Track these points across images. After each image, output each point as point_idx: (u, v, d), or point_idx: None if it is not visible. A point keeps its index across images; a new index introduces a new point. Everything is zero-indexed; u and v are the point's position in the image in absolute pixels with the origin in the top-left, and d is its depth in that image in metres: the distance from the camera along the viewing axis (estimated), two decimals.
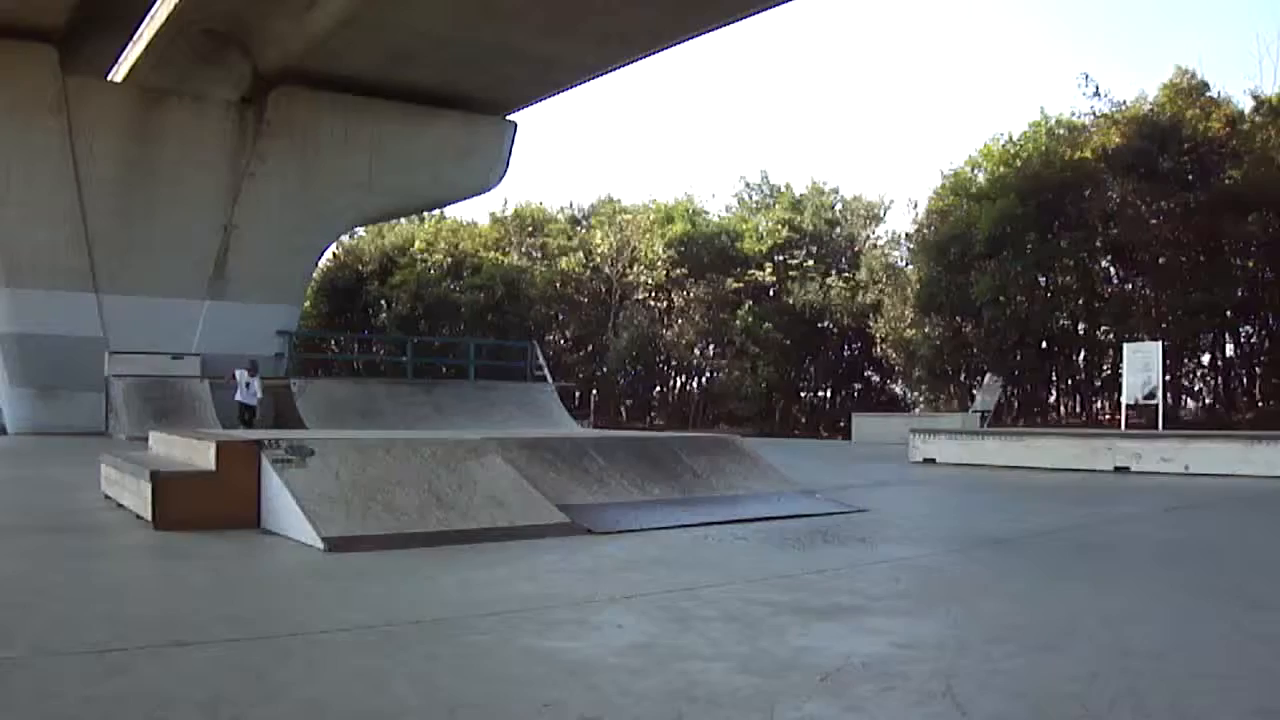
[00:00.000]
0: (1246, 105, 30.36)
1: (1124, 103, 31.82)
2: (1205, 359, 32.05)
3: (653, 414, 44.98)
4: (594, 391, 43.09)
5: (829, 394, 44.46)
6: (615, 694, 3.28)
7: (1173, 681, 3.53)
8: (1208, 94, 30.68)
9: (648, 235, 44.18)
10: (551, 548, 6.62)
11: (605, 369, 44.24)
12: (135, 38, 25.76)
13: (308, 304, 39.90)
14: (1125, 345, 24.39)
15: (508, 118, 30.83)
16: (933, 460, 17.32)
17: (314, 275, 37.87)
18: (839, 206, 45.39)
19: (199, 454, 7.65)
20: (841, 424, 35.69)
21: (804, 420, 42.18)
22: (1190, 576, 5.94)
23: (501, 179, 31.61)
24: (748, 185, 47.78)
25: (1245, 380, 32.12)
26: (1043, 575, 5.93)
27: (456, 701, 3.21)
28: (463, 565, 5.91)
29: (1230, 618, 4.68)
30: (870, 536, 7.39)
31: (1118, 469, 15.22)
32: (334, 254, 45.36)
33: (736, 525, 7.78)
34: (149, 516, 7.08)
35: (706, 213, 47.00)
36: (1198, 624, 4.58)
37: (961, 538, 7.90)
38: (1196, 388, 32.78)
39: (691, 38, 25.17)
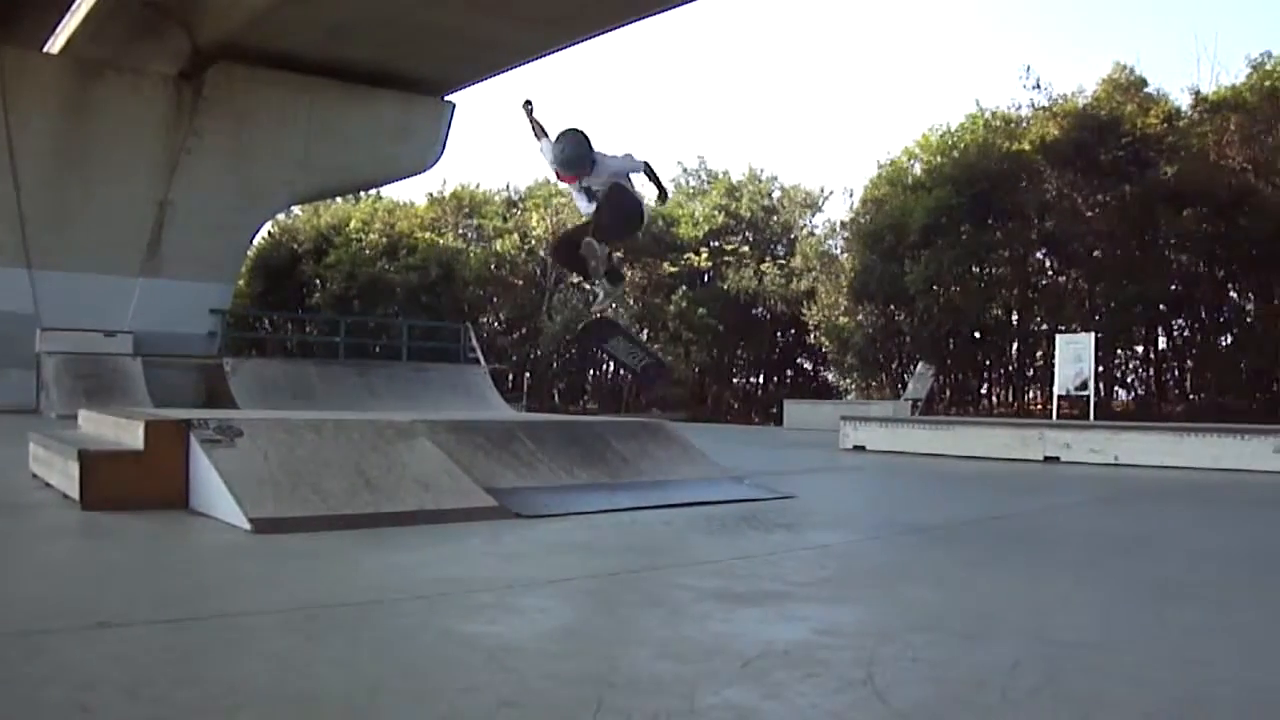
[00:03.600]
0: (1184, 102, 30.88)
1: (1063, 96, 32.20)
2: (1138, 351, 32.46)
3: (586, 398, 44.98)
4: (527, 374, 43.06)
5: (762, 380, 44.69)
6: (535, 678, 3.29)
7: (1094, 670, 3.57)
8: (1146, 90, 31.12)
9: (584, 218, 44.00)
10: (478, 531, 6.62)
11: (539, 352, 44.18)
12: (73, 9, 25.40)
13: (242, 282, 39.61)
14: (1058, 336, 24.59)
15: (446, 98, 30.68)
16: (863, 448, 17.43)
17: (249, 254, 37.58)
18: (777, 194, 45.58)
19: (127, 433, 7.58)
20: (774, 410, 35.84)
21: (737, 406, 42.38)
22: (1116, 567, 6.02)
23: (438, 159, 31.47)
24: (685, 171, 47.82)
25: (1177, 373, 32.60)
26: (968, 563, 5.97)
27: (377, 685, 3.21)
28: (389, 548, 5.89)
29: (1154, 608, 4.75)
30: (797, 523, 7.43)
31: (1048, 459, 15.36)
32: (269, 232, 45.05)
33: (664, 510, 7.80)
34: (76, 496, 6.99)
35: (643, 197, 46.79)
36: (1122, 614, 4.64)
37: (888, 525, 7.97)
38: (1129, 379, 33.25)
39: (630, 22, 25.16)
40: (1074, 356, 22.67)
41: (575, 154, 9.76)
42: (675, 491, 8.58)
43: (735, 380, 44.76)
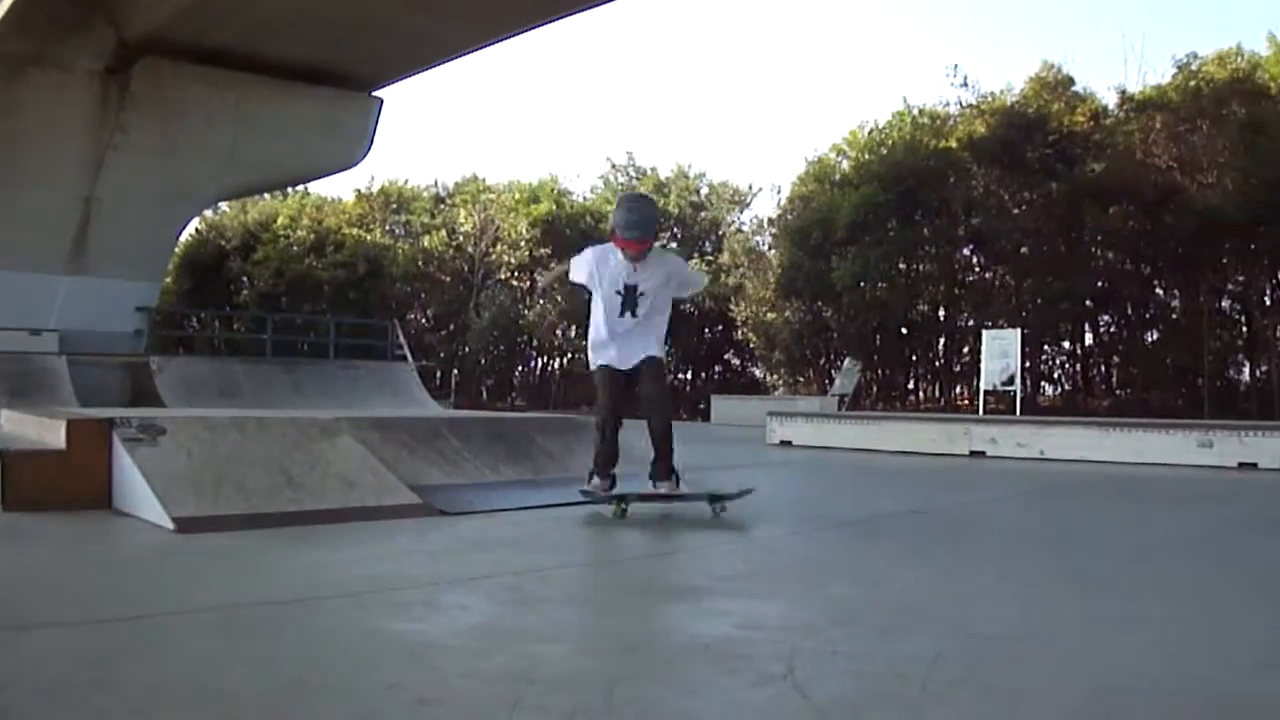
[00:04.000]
0: (1111, 101, 31.36)
1: (990, 94, 32.44)
2: (1065, 347, 32.81)
3: (514, 394, 44.86)
4: (455, 371, 42.86)
5: (689, 376, 44.72)
6: (455, 676, 3.28)
7: (1015, 663, 3.62)
8: (1073, 89, 31.52)
9: (512, 214, 44.04)
10: (402, 529, 6.60)
11: (467, 349, 44.02)
12: None
13: (169, 280, 39.06)
14: (984, 332, 24.77)
15: (374, 94, 30.44)
16: (789, 443, 17.51)
17: (176, 251, 37.12)
18: (705, 191, 45.71)
19: (50, 432, 7.48)
20: (702, 406, 35.87)
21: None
22: (1038, 560, 6.10)
23: (366, 155, 31.14)
24: (614, 166, 47.81)
25: (1103, 368, 33.00)
26: (891, 558, 6.01)
27: (297, 684, 3.20)
28: (312, 546, 5.87)
29: (1075, 601, 4.82)
30: (722, 518, 7.46)
31: (973, 453, 15.51)
32: (196, 229, 44.53)
33: (588, 507, 7.80)
34: None
35: (571, 193, 46.97)
36: (1044, 606, 4.70)
37: (812, 519, 8.01)
38: (1055, 375, 33.62)
39: (560, 18, 25.03)
40: (1000, 352, 22.86)
41: (650, 214, 8.26)
42: None
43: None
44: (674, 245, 42.57)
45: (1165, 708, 3.11)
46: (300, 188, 46.00)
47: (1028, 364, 28.64)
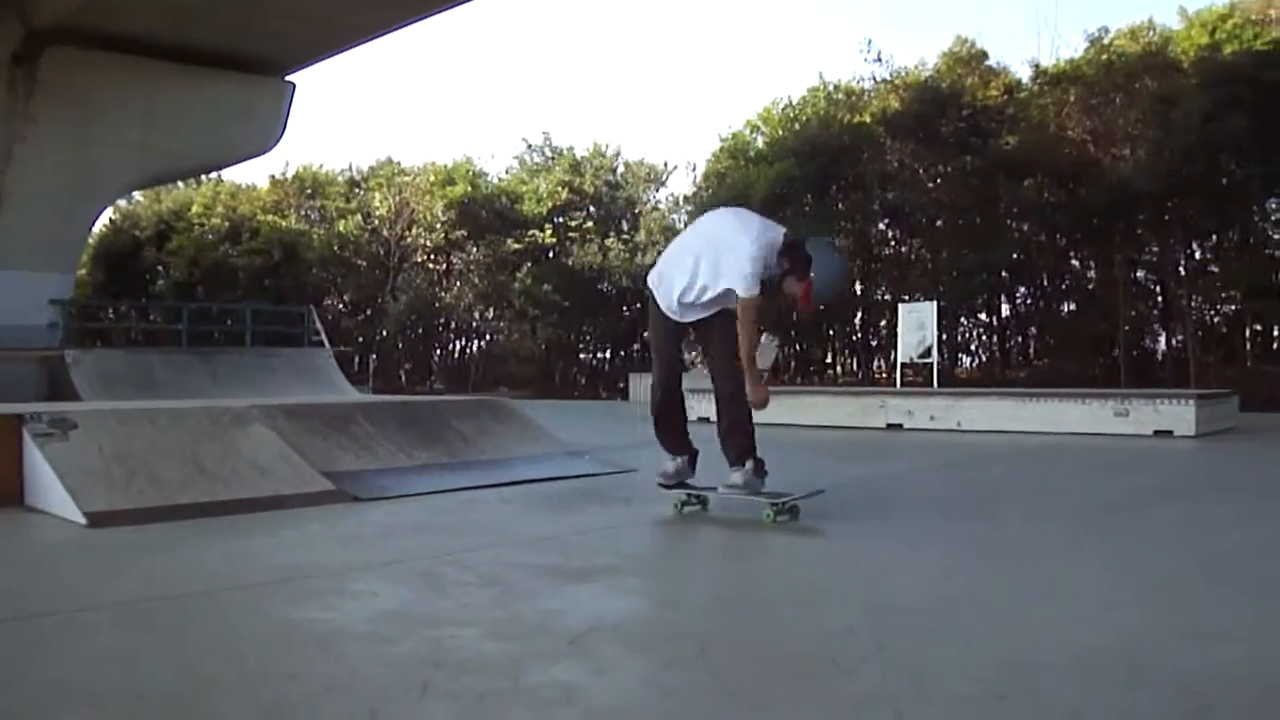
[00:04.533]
0: (1025, 74, 31.81)
1: (905, 69, 32.69)
2: (982, 318, 33.13)
3: (433, 378, 44.67)
4: (373, 356, 42.62)
5: (609, 355, 44.71)
6: (363, 663, 3.27)
7: (926, 635, 3.66)
8: (987, 63, 31.82)
9: (427, 197, 43.79)
10: (316, 516, 6.56)
11: (384, 333, 43.78)
12: None
13: (83, 271, 38.52)
14: (900, 305, 24.85)
15: (288, 78, 30.09)
16: (707, 419, 17.49)
17: (89, 242, 36.57)
18: (620, 169, 45.67)
19: None
20: (621, 385, 35.87)
21: (584, 381, 42.39)
22: (951, 532, 6.15)
23: (279, 140, 30.77)
24: (529, 147, 47.50)
25: (1020, 339, 33.38)
26: (805, 532, 6.02)
27: (204, 677, 3.17)
28: (225, 537, 5.81)
29: (991, 572, 4.89)
30: (635, 497, 7.49)
31: (890, 426, 15.65)
32: (110, 219, 43.91)
33: (503, 489, 7.81)
34: None
35: (487, 174, 46.77)
36: (956, 579, 4.75)
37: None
38: (973, 346, 33.96)
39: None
40: (917, 325, 22.94)
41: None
42: (515, 469, 8.60)
43: (582, 356, 44.76)
44: (590, 224, 42.55)
45: (1078, 680, 3.14)
46: (214, 175, 45.43)
47: (944, 336, 28.91)
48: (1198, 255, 30.23)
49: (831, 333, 35.76)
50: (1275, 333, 29.57)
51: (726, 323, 6.49)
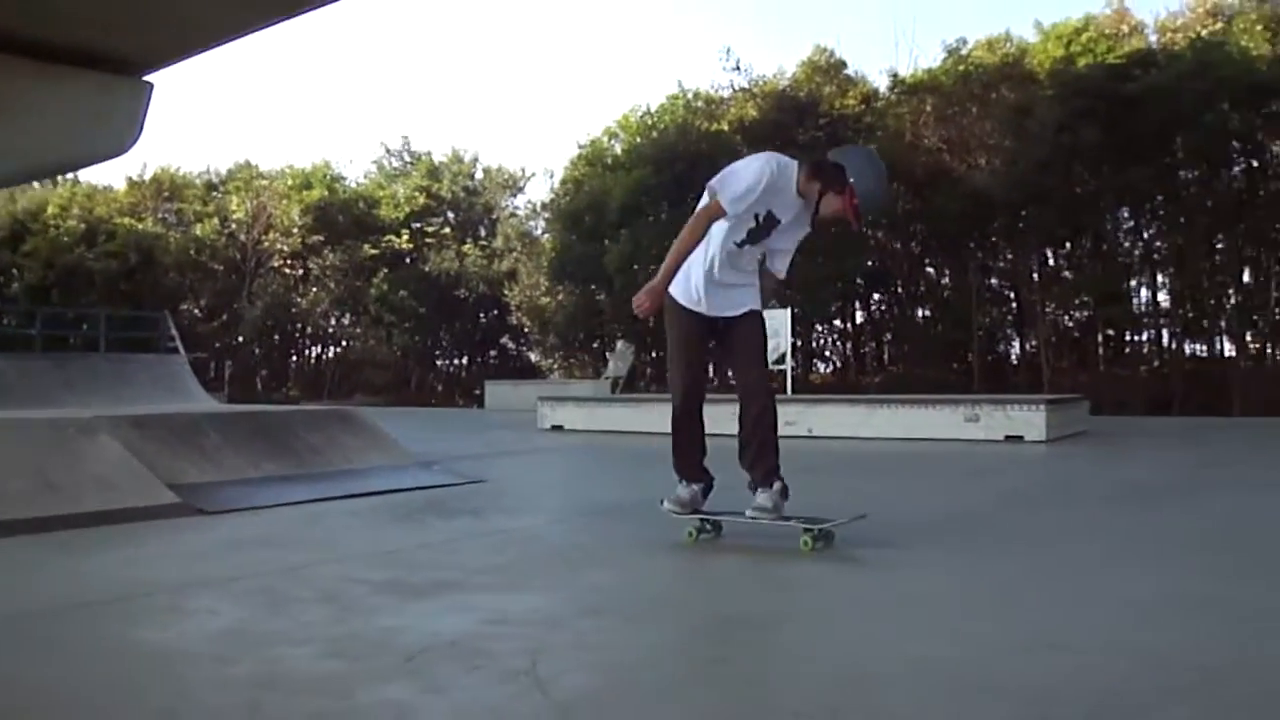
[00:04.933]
0: (882, 84, 32.28)
1: (763, 78, 32.93)
2: (837, 325, 33.49)
3: (289, 385, 44.09)
4: (229, 363, 41.96)
5: (465, 361, 44.61)
6: (196, 684, 3.25)
7: (766, 647, 3.72)
8: (845, 72, 32.27)
9: (284, 201, 43.24)
10: (159, 530, 6.46)
11: (240, 339, 43.11)
12: None
13: None
14: None
15: (145, 78, 29.51)
16: (561, 427, 17.53)
17: None
18: (479, 175, 45.67)
19: None
20: (477, 392, 35.72)
21: (440, 388, 42.19)
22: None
23: (136, 141, 30.03)
24: (388, 151, 47.52)
25: (875, 345, 33.78)
26: (648, 544, 5.98)
27: (31, 700, 3.13)
28: (66, 553, 5.69)
29: (837, 581, 4.93)
30: (483, 508, 7.48)
31: None
32: None
33: (350, 500, 7.75)
34: None
35: (345, 178, 46.55)
36: (803, 589, 4.81)
37: (575, 507, 8.09)
38: (827, 353, 34.29)
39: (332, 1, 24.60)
40: (771, 331, 22.93)
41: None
42: (364, 480, 8.54)
43: (439, 362, 44.56)
44: (447, 230, 42.40)
45: (913, 690, 3.16)
46: (70, 176, 44.32)
47: (799, 342, 29.20)
48: (1051, 262, 30.99)
49: None
50: (1128, 338, 30.37)
51: (754, 327, 6.11)
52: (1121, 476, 10.34)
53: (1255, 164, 26.98)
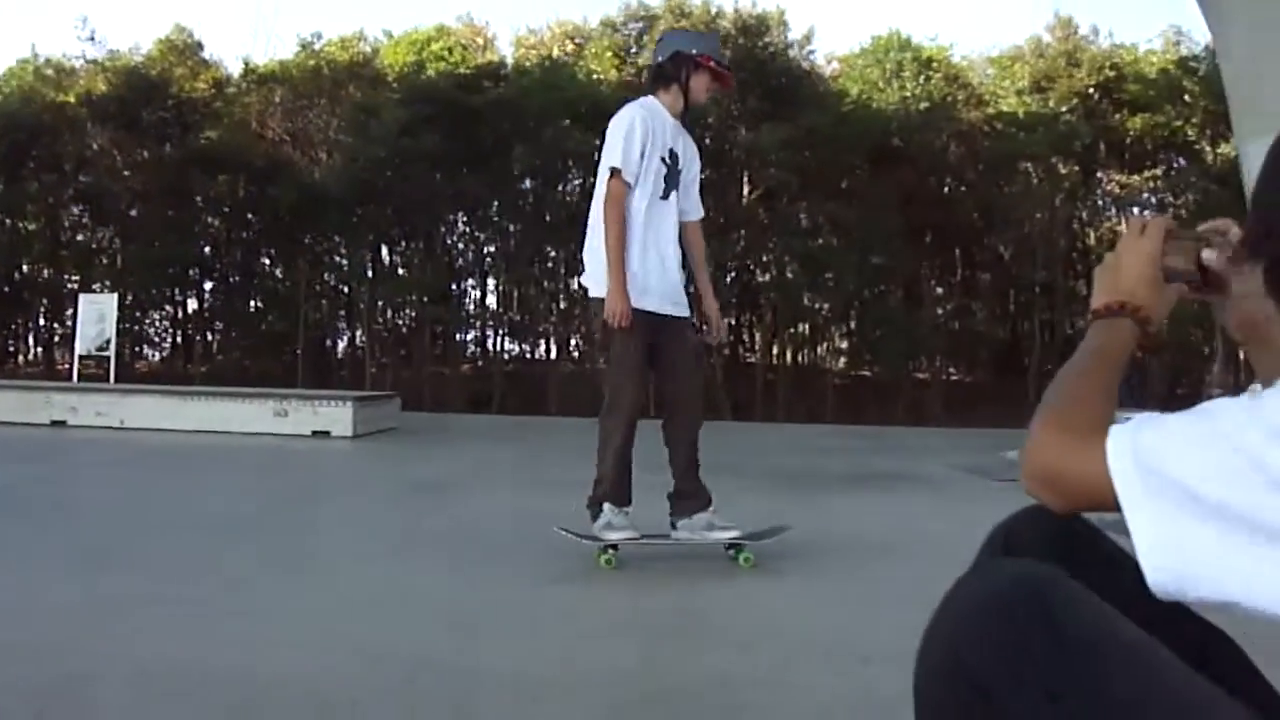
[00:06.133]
0: (236, 71, 31.35)
1: (119, 52, 31.35)
2: (169, 311, 32.46)
3: None
4: None
5: None
6: None
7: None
8: (201, 55, 31.15)
9: None
10: None
11: None
12: None
13: None
14: (81, 295, 23.66)
15: None
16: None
17: None
18: None
19: None
20: None
21: None
22: (44, 541, 5.87)
23: None
24: None
25: (207, 334, 32.98)
26: None
27: None
28: None
29: (72, 582, 4.73)
30: None
31: (55, 423, 14.66)
32: None
33: None
34: None
35: None
36: (35, 589, 4.61)
37: None
38: (158, 340, 33.18)
39: None
40: (97, 316, 22.02)
41: None
42: None
43: None
44: None
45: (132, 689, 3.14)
46: None
47: (128, 328, 28.11)
48: (387, 260, 31.41)
49: (18, 322, 33.70)
50: (456, 338, 31.22)
51: (690, 333, 5.67)
52: (404, 473, 10.58)
53: (592, 180, 28.48)
